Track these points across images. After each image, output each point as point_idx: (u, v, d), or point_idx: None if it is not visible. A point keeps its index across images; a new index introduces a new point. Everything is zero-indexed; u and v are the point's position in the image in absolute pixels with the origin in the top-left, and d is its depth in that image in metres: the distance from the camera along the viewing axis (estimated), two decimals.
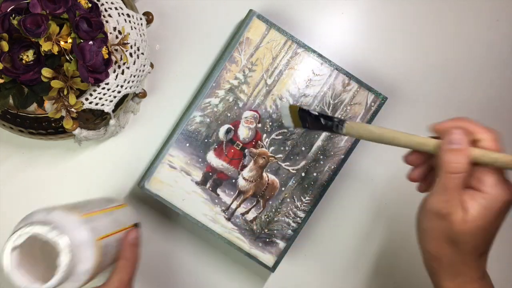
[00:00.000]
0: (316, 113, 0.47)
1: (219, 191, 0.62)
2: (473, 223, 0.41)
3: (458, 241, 0.42)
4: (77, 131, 0.53)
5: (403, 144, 0.45)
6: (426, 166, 0.47)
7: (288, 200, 0.62)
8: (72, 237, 0.43)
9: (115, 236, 0.51)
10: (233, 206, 0.62)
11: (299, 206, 0.62)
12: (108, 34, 0.52)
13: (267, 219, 0.62)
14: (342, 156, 0.62)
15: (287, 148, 0.62)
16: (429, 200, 0.44)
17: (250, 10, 0.61)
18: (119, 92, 0.54)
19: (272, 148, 0.62)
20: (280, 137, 0.62)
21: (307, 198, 0.62)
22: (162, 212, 0.66)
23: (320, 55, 0.61)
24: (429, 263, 0.46)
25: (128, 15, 0.54)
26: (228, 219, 0.62)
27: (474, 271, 0.44)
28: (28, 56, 0.48)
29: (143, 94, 0.60)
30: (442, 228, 0.43)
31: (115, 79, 0.53)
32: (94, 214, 0.50)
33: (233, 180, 0.62)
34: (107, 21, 0.53)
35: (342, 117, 0.49)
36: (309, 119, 0.48)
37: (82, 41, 0.48)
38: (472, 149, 0.42)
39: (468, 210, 0.42)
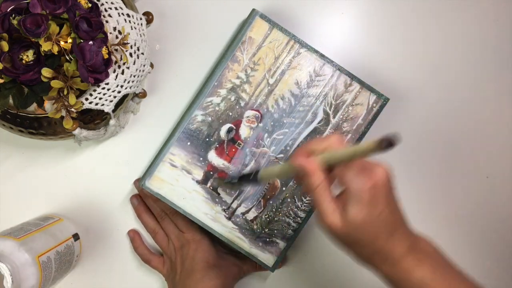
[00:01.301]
0: (236, 178, 0.57)
1: (219, 190, 0.62)
2: (353, 222, 0.43)
3: (353, 241, 0.45)
4: (77, 131, 0.53)
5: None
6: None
7: (289, 200, 0.62)
8: (12, 260, 0.50)
9: (55, 250, 0.56)
10: (234, 205, 0.62)
11: (300, 206, 0.62)
12: (108, 34, 0.51)
13: (268, 219, 0.62)
14: None
15: (288, 148, 0.62)
16: (318, 222, 0.46)
17: (253, 10, 0.60)
18: (119, 92, 0.53)
19: (273, 147, 0.62)
20: (282, 136, 0.62)
21: (307, 198, 0.62)
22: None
23: (322, 55, 0.61)
24: (360, 262, 0.48)
25: (128, 15, 0.54)
26: (229, 219, 0.62)
27: (396, 249, 0.45)
28: (28, 56, 0.47)
29: (143, 94, 0.60)
30: (335, 238, 0.45)
31: (115, 79, 0.53)
32: (30, 234, 0.55)
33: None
34: (107, 21, 0.53)
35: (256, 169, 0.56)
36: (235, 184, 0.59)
37: (82, 41, 0.48)
38: (314, 159, 0.45)
39: (345, 213, 0.44)
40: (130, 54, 0.54)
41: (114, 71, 0.53)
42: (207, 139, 0.61)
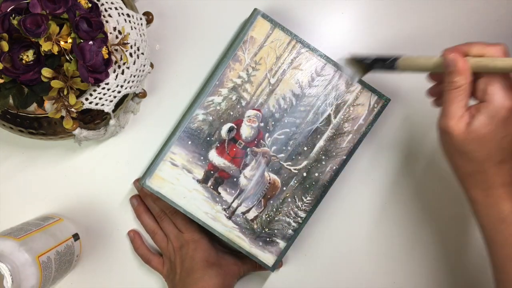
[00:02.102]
0: (371, 59, 0.53)
1: (220, 189, 0.62)
2: (475, 132, 0.44)
3: (465, 151, 0.45)
4: (77, 131, 0.53)
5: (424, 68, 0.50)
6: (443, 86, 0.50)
7: (289, 199, 0.62)
8: (12, 260, 0.50)
9: (55, 250, 0.56)
10: (234, 204, 0.62)
11: (300, 206, 0.62)
12: (108, 34, 0.51)
13: (268, 219, 0.62)
14: (344, 157, 0.62)
15: (289, 148, 0.62)
16: (438, 121, 0.47)
17: (255, 9, 0.60)
18: (119, 92, 0.53)
19: (274, 147, 0.62)
20: (282, 136, 0.62)
21: (308, 198, 0.62)
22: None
23: (324, 55, 0.61)
24: (456, 175, 0.49)
25: (128, 15, 0.54)
26: (229, 218, 0.62)
27: (497, 177, 0.46)
28: (28, 56, 0.47)
29: (143, 94, 0.60)
30: (449, 142, 0.46)
31: (115, 79, 0.53)
32: (30, 234, 0.55)
33: (235, 179, 0.62)
34: (107, 21, 0.52)
35: (395, 56, 0.51)
36: (366, 66, 0.53)
37: (82, 41, 0.48)
38: (468, 59, 0.45)
39: (472, 121, 0.44)
40: (130, 54, 0.53)
41: (114, 71, 0.53)
42: (208, 138, 0.61)
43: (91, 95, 0.52)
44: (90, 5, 0.50)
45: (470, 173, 0.47)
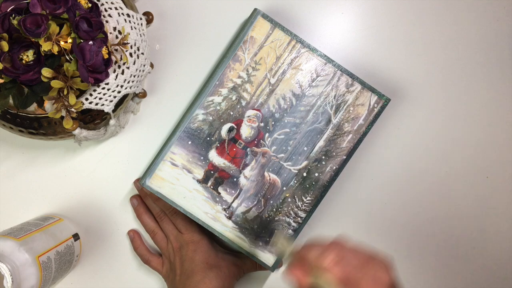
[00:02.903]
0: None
1: (220, 189, 0.62)
2: None
3: None
4: (77, 131, 0.53)
5: None
6: None
7: (289, 199, 0.62)
8: (12, 260, 0.50)
9: (55, 250, 0.56)
10: (234, 204, 0.62)
11: (300, 206, 0.62)
12: (108, 34, 0.51)
13: (268, 219, 0.62)
14: (344, 157, 0.62)
15: (289, 148, 0.62)
16: None
17: (255, 9, 0.60)
18: (119, 92, 0.53)
19: (274, 147, 0.62)
20: (283, 136, 0.62)
21: (308, 198, 0.62)
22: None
23: (324, 55, 0.61)
24: None
25: (128, 15, 0.54)
26: (229, 218, 0.62)
27: None
28: (28, 56, 0.47)
29: (143, 94, 0.60)
30: None
31: (115, 79, 0.52)
32: (30, 234, 0.55)
33: (235, 179, 0.62)
34: (107, 21, 0.52)
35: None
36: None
37: (82, 41, 0.48)
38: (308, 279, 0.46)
39: None
40: (130, 54, 0.53)
41: (114, 71, 0.53)
42: (208, 138, 0.61)
43: (91, 95, 0.52)
44: (90, 5, 0.50)
45: None
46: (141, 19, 0.55)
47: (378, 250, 0.47)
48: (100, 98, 0.52)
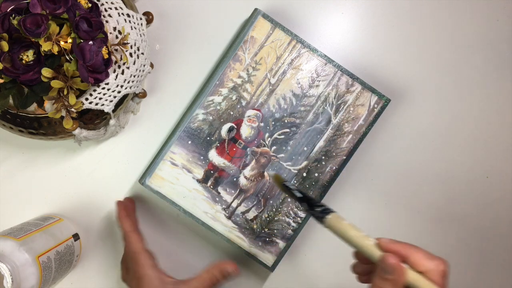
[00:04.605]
0: (300, 195, 0.49)
1: (220, 189, 0.62)
2: None
3: None
4: (77, 131, 0.53)
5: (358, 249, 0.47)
6: (370, 266, 0.49)
7: (289, 199, 0.62)
8: (12, 260, 0.50)
9: (55, 250, 0.56)
10: (234, 204, 0.62)
11: (300, 206, 0.62)
12: (108, 34, 0.51)
13: (268, 219, 0.62)
14: (344, 157, 0.62)
15: (289, 148, 0.62)
16: None
17: (256, 9, 0.60)
18: (119, 92, 0.53)
19: (274, 147, 0.62)
20: (283, 136, 0.62)
21: None
22: (163, 209, 0.66)
23: (324, 56, 0.61)
24: None
25: (128, 15, 0.54)
26: (229, 218, 0.62)
27: None
28: (28, 56, 0.47)
29: (143, 94, 0.60)
30: None
31: (115, 79, 0.52)
32: (30, 234, 0.55)
33: (235, 179, 0.62)
34: (107, 21, 0.52)
35: (324, 206, 0.48)
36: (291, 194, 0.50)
37: (82, 41, 0.48)
38: (408, 273, 0.43)
39: None
40: (130, 54, 0.53)
41: (114, 71, 0.52)
42: (208, 138, 0.61)
43: (91, 95, 0.52)
44: (90, 5, 0.49)
45: None
46: (141, 19, 0.55)
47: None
48: (100, 98, 0.52)
